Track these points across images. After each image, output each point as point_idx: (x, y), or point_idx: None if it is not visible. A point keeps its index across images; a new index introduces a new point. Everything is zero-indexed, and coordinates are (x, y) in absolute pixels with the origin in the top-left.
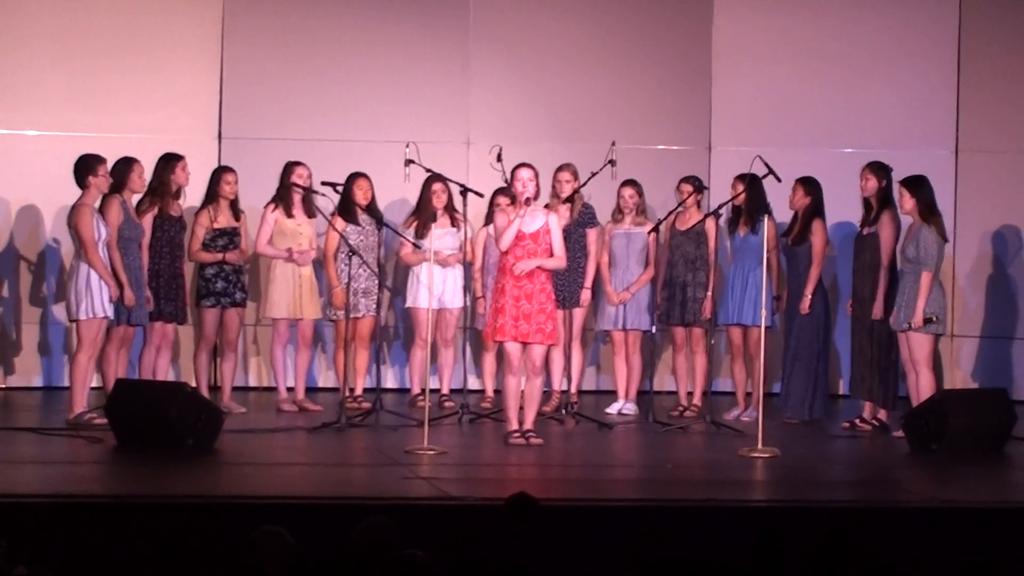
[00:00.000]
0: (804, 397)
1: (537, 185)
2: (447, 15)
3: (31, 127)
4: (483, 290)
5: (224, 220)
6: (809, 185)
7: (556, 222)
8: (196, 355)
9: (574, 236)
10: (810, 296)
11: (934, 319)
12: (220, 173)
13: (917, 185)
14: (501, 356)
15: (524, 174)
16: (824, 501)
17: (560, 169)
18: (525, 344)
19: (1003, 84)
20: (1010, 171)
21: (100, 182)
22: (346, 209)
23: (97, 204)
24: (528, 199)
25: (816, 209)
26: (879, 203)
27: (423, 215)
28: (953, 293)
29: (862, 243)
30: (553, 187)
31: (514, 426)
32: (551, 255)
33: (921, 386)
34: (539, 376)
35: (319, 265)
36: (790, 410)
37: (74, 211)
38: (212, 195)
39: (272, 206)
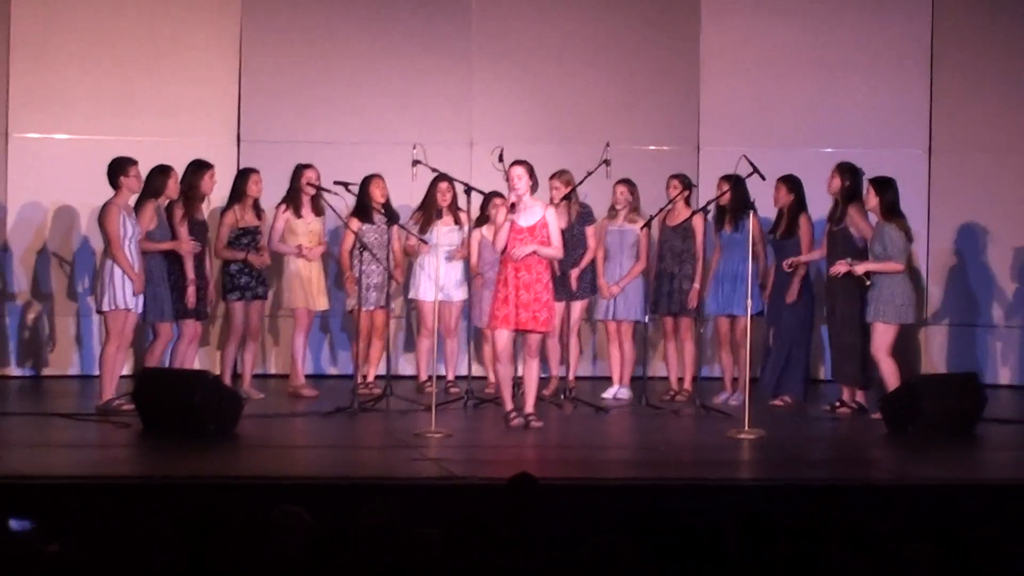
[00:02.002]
0: (787, 378)
1: (532, 180)
2: (451, 24)
3: (61, 131)
4: (479, 288)
5: (249, 219)
6: (791, 183)
7: (553, 215)
8: (225, 346)
9: (576, 234)
10: (799, 282)
11: (867, 282)
12: (248, 174)
13: (884, 186)
14: None
15: (515, 171)
16: (808, 480)
17: (553, 176)
18: (523, 332)
19: (973, 87)
20: (980, 170)
21: (131, 183)
22: (362, 209)
23: (132, 203)
24: (519, 195)
25: (800, 204)
26: (843, 201)
27: (427, 212)
28: (927, 285)
29: (832, 239)
30: (550, 191)
31: (510, 406)
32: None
33: (885, 374)
34: (535, 360)
35: (326, 259)
36: (771, 389)
37: (103, 210)
38: (238, 194)
39: (283, 207)
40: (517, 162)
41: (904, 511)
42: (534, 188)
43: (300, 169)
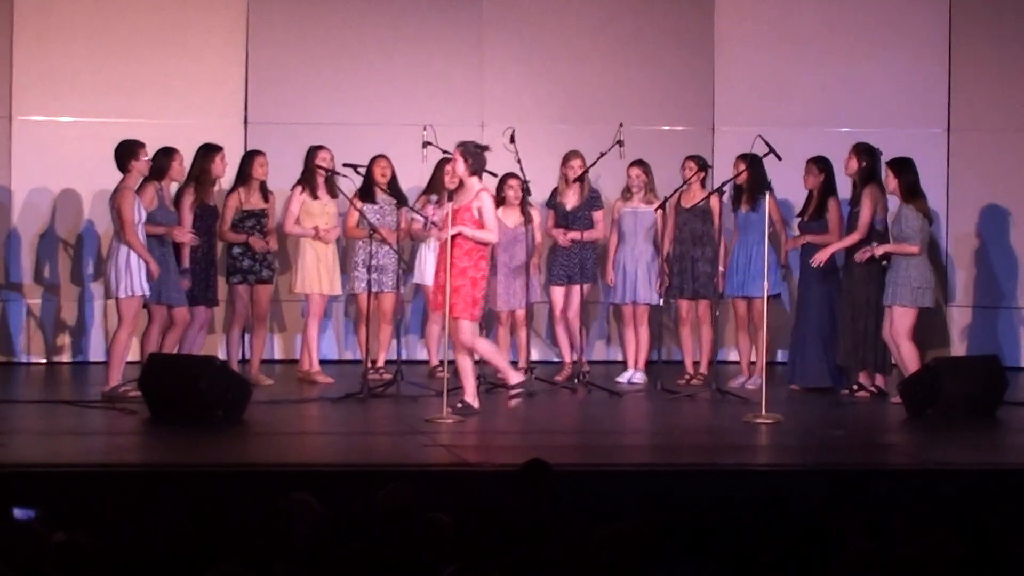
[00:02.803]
0: (818, 367)
1: (469, 162)
2: (461, 3)
3: (66, 114)
4: (493, 269)
5: (254, 202)
6: (821, 163)
7: (487, 198)
8: (229, 330)
9: (583, 218)
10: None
11: (884, 263)
12: (253, 156)
13: (902, 167)
14: (512, 330)
15: (456, 153)
16: (824, 464)
17: (573, 156)
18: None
19: (994, 64)
20: (1000, 149)
21: (142, 166)
22: (366, 189)
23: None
24: (448, 192)
25: (829, 186)
26: (860, 182)
27: (435, 194)
28: (946, 266)
29: (851, 223)
30: (563, 172)
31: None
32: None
33: (904, 358)
34: (460, 350)
35: (338, 242)
36: (806, 379)
37: (117, 193)
38: (244, 177)
39: (299, 188)
40: (458, 145)
41: (924, 497)
42: (475, 170)
43: (314, 150)
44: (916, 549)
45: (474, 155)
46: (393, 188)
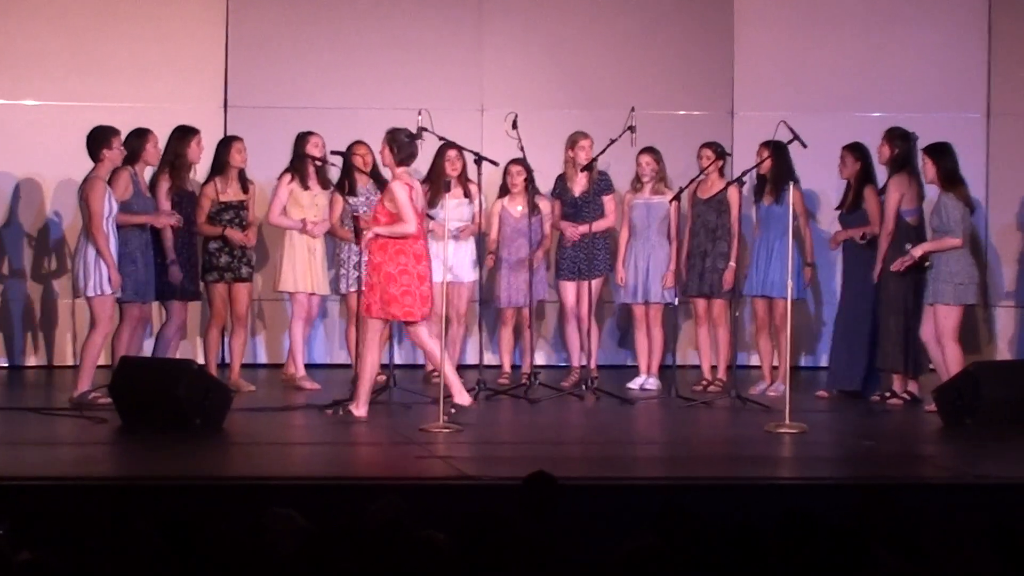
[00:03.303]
0: (850, 369)
1: (393, 151)
2: None
3: (31, 97)
4: (496, 263)
5: (232, 192)
6: (857, 151)
7: (398, 187)
8: (206, 332)
9: (592, 204)
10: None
11: (926, 263)
12: (229, 142)
13: (940, 153)
14: (519, 331)
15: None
16: (852, 477)
17: (583, 136)
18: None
19: None
20: None
21: (115, 155)
22: (346, 180)
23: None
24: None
25: (867, 175)
26: (889, 170)
27: (435, 184)
28: (986, 261)
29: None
30: (570, 156)
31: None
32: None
33: (948, 360)
34: (369, 349)
35: (328, 239)
36: (839, 382)
37: (86, 183)
38: (220, 166)
39: (288, 177)
40: (387, 132)
41: (960, 512)
42: (402, 160)
43: (304, 136)
44: (951, 568)
45: (401, 144)
46: (375, 176)
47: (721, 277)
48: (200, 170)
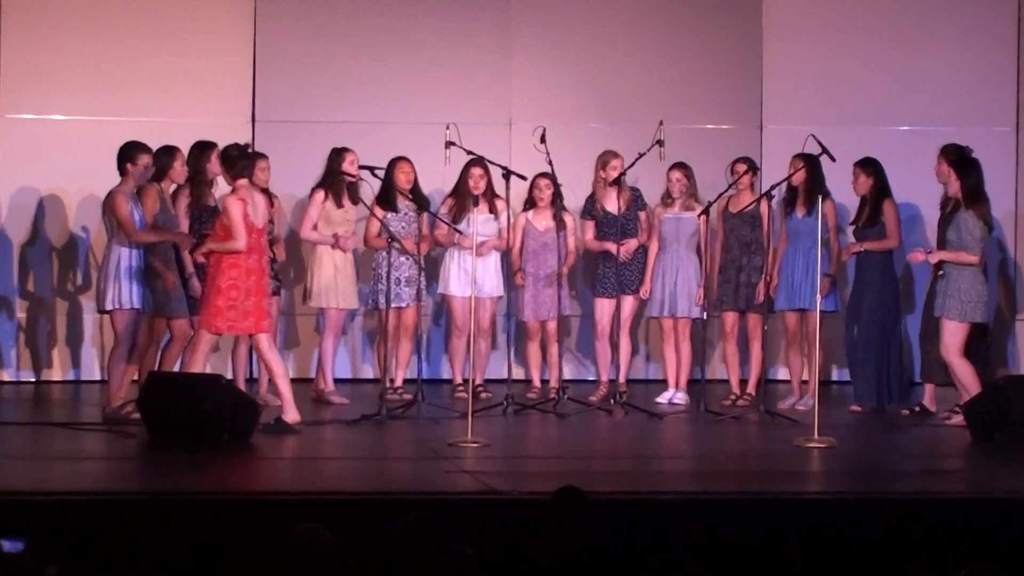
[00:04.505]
0: (876, 383)
1: (226, 173)
2: None
3: (57, 112)
4: (521, 276)
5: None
6: (869, 166)
7: (230, 203)
8: (235, 347)
9: (634, 220)
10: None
11: (939, 272)
12: (254, 160)
13: (967, 168)
14: (543, 346)
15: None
16: (882, 493)
17: (614, 156)
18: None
19: None
20: None
21: (139, 171)
22: (386, 195)
23: (134, 192)
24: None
25: (883, 189)
26: (964, 195)
27: (461, 199)
28: (1014, 276)
29: (944, 224)
30: (601, 176)
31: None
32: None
33: (959, 376)
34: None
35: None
36: (862, 397)
37: (109, 198)
38: None
39: (322, 194)
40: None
41: (990, 528)
42: (236, 176)
43: (339, 152)
44: None
45: (232, 159)
46: (415, 194)
47: (755, 291)
48: (220, 183)
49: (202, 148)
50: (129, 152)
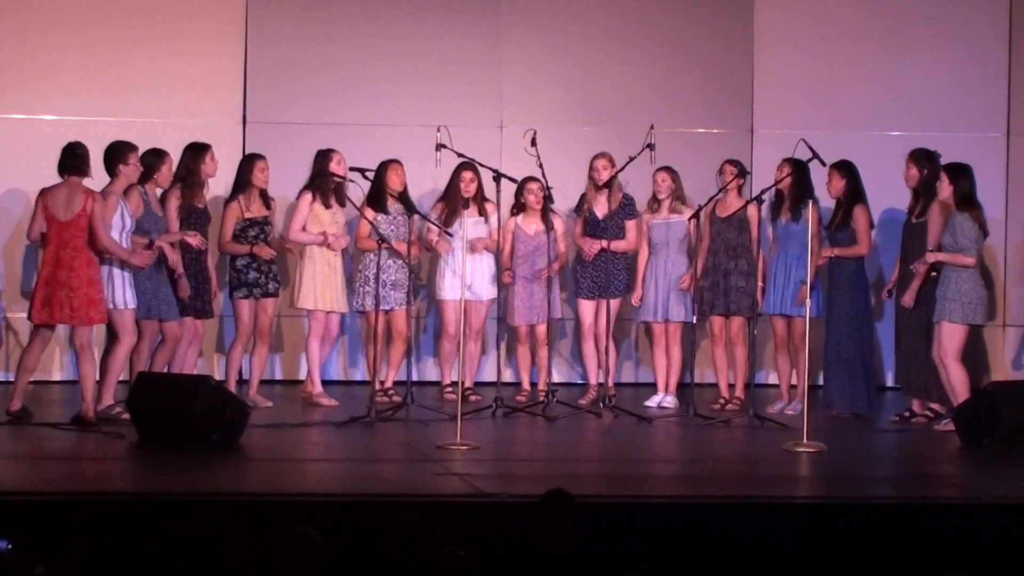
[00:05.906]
0: (851, 390)
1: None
2: None
3: (48, 112)
4: (509, 275)
5: (256, 209)
6: (844, 169)
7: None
8: (230, 348)
9: (615, 225)
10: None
11: (932, 273)
12: (252, 161)
13: (958, 173)
14: (532, 349)
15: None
16: (871, 497)
17: (597, 157)
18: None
19: None
20: None
21: (130, 171)
22: (377, 197)
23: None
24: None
25: (855, 193)
26: (925, 192)
27: (451, 203)
28: (1005, 282)
29: (910, 231)
30: (590, 175)
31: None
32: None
33: (953, 380)
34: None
35: (344, 254)
36: (837, 404)
37: (101, 199)
38: (243, 183)
39: (310, 196)
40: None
41: (978, 534)
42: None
43: (326, 153)
44: None
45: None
46: (403, 197)
47: (738, 295)
48: (214, 184)
49: (196, 149)
50: (120, 152)
